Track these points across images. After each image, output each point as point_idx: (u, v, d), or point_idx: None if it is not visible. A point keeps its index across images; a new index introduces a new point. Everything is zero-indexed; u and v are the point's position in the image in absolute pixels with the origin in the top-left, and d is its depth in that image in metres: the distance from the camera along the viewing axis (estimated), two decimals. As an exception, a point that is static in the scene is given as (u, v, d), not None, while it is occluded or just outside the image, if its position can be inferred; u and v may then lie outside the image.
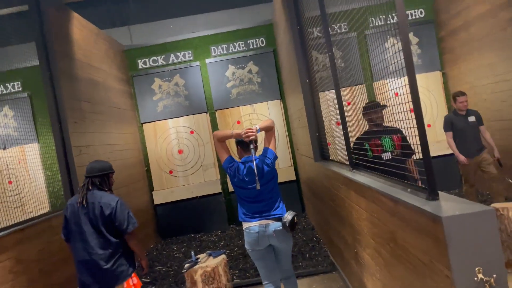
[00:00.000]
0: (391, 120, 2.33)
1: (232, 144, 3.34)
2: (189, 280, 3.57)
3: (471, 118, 5.02)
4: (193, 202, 7.13)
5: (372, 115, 3.47)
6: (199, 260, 3.70)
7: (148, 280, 5.07)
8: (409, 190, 2.03)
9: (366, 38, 6.53)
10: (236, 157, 3.41)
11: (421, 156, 1.87)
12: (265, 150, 3.19)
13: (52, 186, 4.96)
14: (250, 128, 3.07)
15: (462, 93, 5.04)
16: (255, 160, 3.03)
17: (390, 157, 3.38)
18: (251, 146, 3.09)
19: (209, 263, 3.60)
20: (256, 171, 2.97)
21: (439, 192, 1.82)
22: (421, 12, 7.05)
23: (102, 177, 3.09)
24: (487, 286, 1.43)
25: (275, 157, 3.20)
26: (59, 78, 4.59)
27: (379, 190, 2.26)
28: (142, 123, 7.29)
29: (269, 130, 3.22)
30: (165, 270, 5.40)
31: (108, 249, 2.94)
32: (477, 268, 1.46)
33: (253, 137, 3.06)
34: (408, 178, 2.25)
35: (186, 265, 3.64)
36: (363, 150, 3.14)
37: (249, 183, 3.08)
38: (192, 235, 7.05)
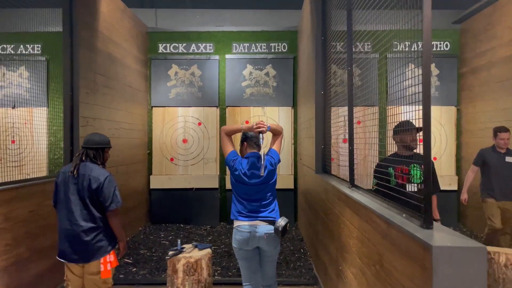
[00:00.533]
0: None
1: (236, 143, 3.34)
2: (171, 267, 3.56)
3: (509, 159, 4.57)
4: (189, 192, 7.14)
5: (406, 137, 3.10)
6: (184, 250, 3.69)
7: (130, 261, 5.07)
8: (404, 215, 2.02)
9: (387, 61, 6.51)
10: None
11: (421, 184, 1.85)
12: (271, 150, 3.20)
13: (53, 152, 4.99)
14: (262, 122, 3.09)
15: (506, 129, 4.63)
16: (263, 154, 3.05)
17: (416, 190, 2.93)
18: (261, 136, 3.11)
19: (194, 254, 3.59)
20: (263, 157, 3.00)
21: (434, 222, 1.81)
22: (446, 45, 7.03)
23: (97, 150, 3.08)
24: (466, 322, 1.41)
25: (279, 160, 3.21)
26: (79, 47, 4.62)
27: (374, 211, 2.24)
28: (152, 107, 7.31)
29: (277, 134, 3.24)
30: (148, 254, 5.39)
31: (91, 222, 2.94)
32: (459, 303, 1.44)
33: (263, 129, 3.08)
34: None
35: (171, 253, 3.63)
36: (385, 175, 2.91)
37: (250, 178, 3.08)
38: (182, 225, 7.04)
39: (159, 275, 4.61)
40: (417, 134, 2.96)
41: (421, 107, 1.85)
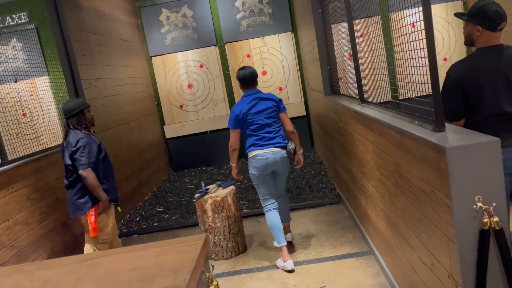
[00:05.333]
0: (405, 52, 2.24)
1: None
2: (200, 209, 3.72)
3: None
4: (204, 136, 7.23)
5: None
6: (209, 190, 3.82)
7: (161, 209, 5.30)
8: (416, 122, 2.01)
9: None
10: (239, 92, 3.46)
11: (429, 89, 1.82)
12: (279, 100, 3.43)
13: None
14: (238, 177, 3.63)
15: None
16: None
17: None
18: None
19: (219, 193, 3.72)
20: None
21: (446, 124, 1.80)
22: None
23: (74, 116, 3.14)
24: (486, 214, 1.45)
25: (281, 104, 3.45)
26: (63, 8, 4.47)
27: (386, 123, 2.24)
28: (150, 56, 7.18)
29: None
30: (177, 200, 5.61)
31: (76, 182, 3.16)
32: (476, 197, 1.47)
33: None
34: None
35: (196, 195, 3.76)
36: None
37: (255, 114, 3.32)
38: (203, 168, 7.23)
39: (190, 217, 4.83)
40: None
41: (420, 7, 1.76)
